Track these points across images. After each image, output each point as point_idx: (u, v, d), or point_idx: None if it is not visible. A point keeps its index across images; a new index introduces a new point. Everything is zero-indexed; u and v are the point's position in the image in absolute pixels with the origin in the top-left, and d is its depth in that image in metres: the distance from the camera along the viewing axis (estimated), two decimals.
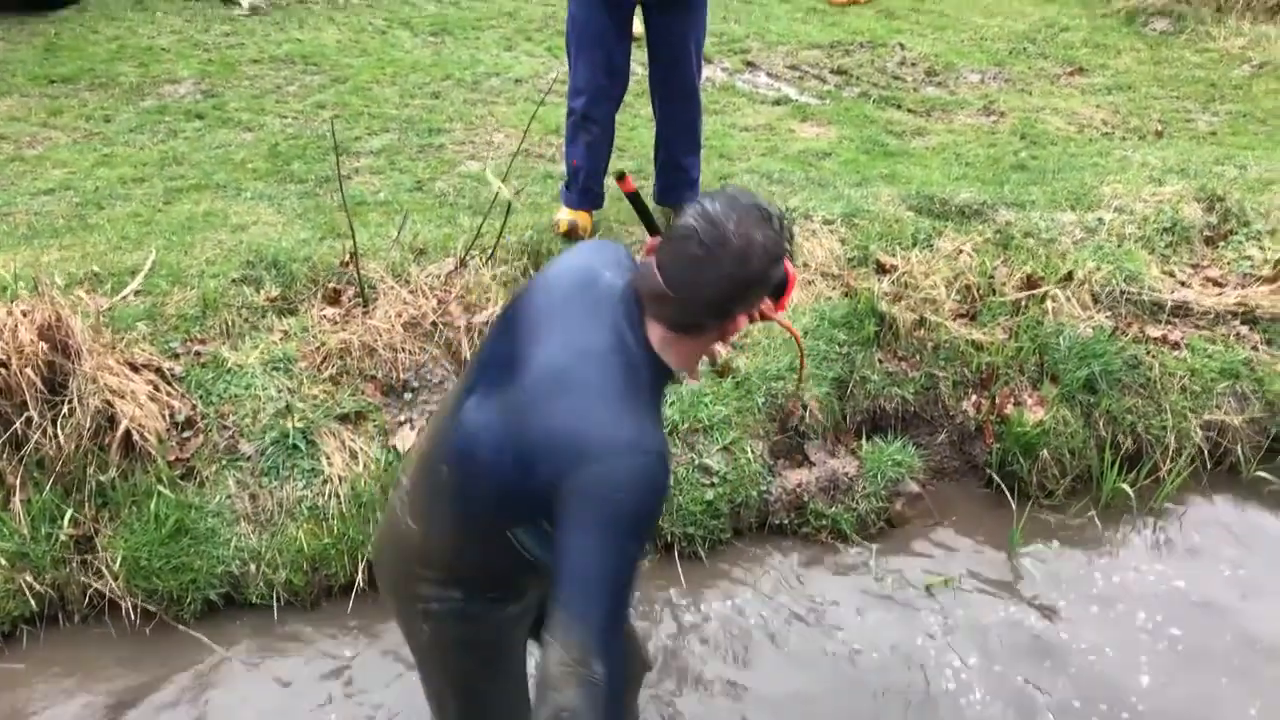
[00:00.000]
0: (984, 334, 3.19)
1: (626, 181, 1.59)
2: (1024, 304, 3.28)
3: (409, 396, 2.89)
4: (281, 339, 2.96)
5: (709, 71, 5.02)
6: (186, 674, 2.48)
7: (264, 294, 3.13)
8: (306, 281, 3.16)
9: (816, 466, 2.97)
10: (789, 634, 2.66)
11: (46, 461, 2.56)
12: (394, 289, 3.11)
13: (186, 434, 2.73)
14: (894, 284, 3.28)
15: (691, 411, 2.93)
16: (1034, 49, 5.69)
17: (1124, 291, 3.39)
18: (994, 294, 3.30)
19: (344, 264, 3.18)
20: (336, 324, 2.99)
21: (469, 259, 3.24)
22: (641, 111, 3.80)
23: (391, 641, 2.50)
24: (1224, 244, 3.70)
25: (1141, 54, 5.66)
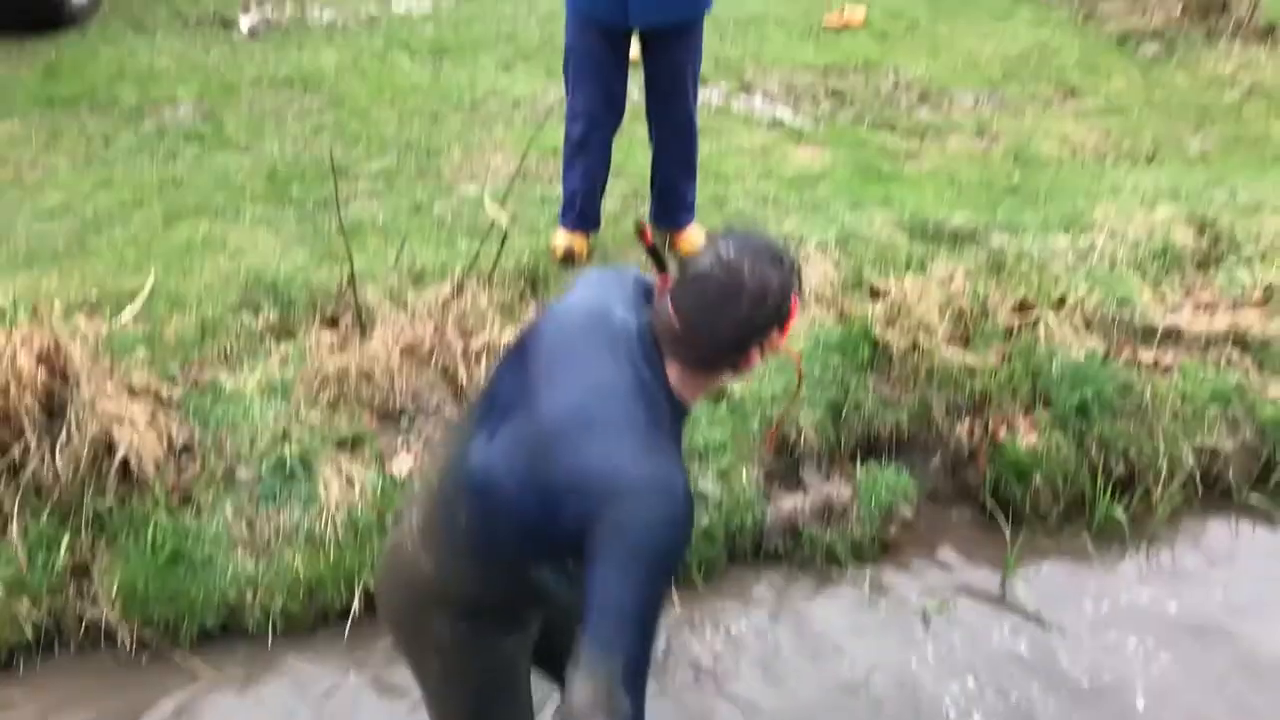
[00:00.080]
0: (977, 359, 3.21)
1: (646, 235, 1.65)
2: (1017, 328, 3.31)
3: (406, 422, 2.90)
4: (280, 364, 2.98)
5: (705, 94, 5.04)
6: (180, 702, 2.48)
7: (262, 319, 3.15)
8: (305, 306, 3.18)
9: (811, 491, 2.99)
10: (785, 660, 2.67)
11: (44, 489, 2.57)
12: (392, 314, 3.13)
13: (184, 460, 2.74)
14: (887, 309, 3.30)
15: (686, 435, 2.94)
16: (1027, 72, 5.73)
17: (1116, 316, 3.42)
18: (987, 318, 3.32)
19: (342, 289, 3.20)
20: (334, 350, 3.00)
21: (466, 284, 3.26)
22: (638, 134, 3.83)
23: (388, 669, 2.51)
24: (1215, 268, 3.73)
25: (1133, 77, 5.70)
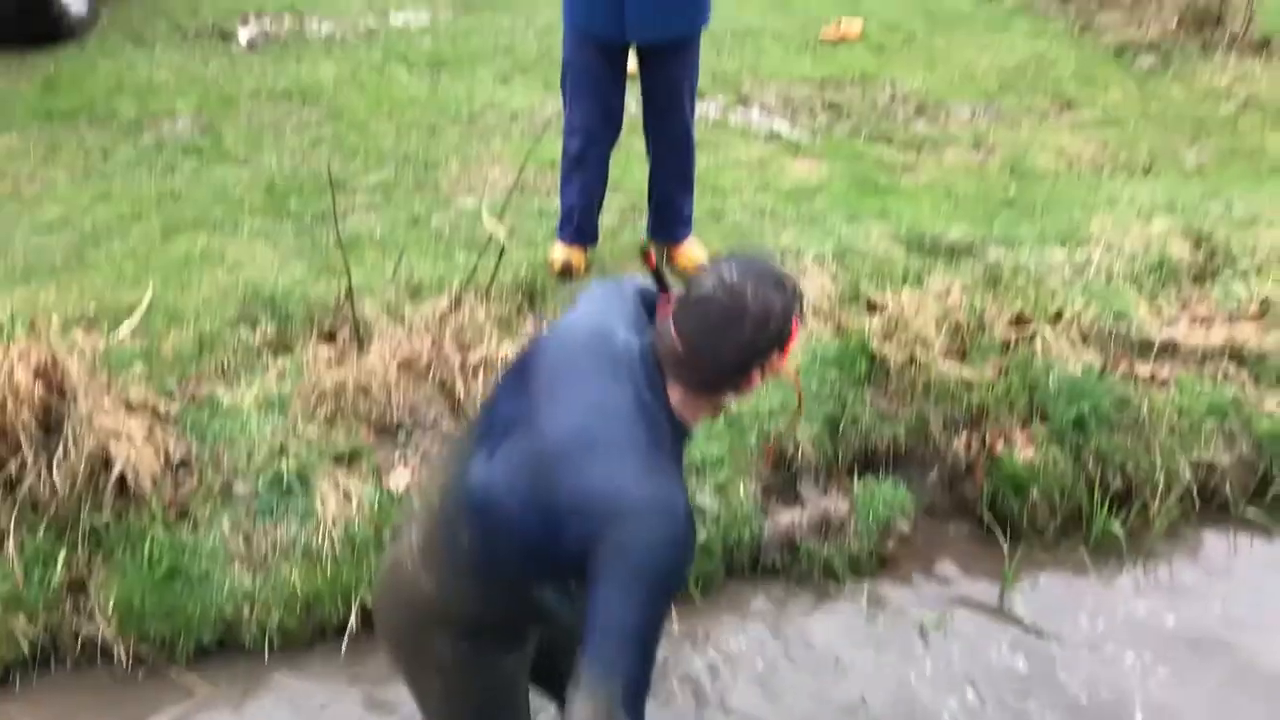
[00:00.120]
0: (974, 373, 3.22)
1: (650, 258, 1.67)
2: (1014, 342, 3.31)
3: (403, 437, 2.91)
4: (277, 379, 2.98)
5: (702, 107, 5.06)
6: (176, 719, 2.47)
7: (260, 333, 3.15)
8: (302, 320, 3.19)
9: (809, 505, 2.99)
10: (782, 675, 2.66)
11: (40, 504, 2.57)
12: (389, 328, 3.13)
13: (181, 475, 2.74)
14: (885, 323, 3.31)
15: (685, 451, 2.94)
16: (1023, 84, 5.75)
17: (1113, 330, 3.43)
18: (984, 332, 3.33)
19: (340, 303, 3.21)
20: (332, 364, 3.01)
21: (464, 297, 3.27)
22: (635, 148, 3.84)
23: (384, 685, 2.50)
24: (1211, 281, 3.74)
25: (1130, 89, 5.72)
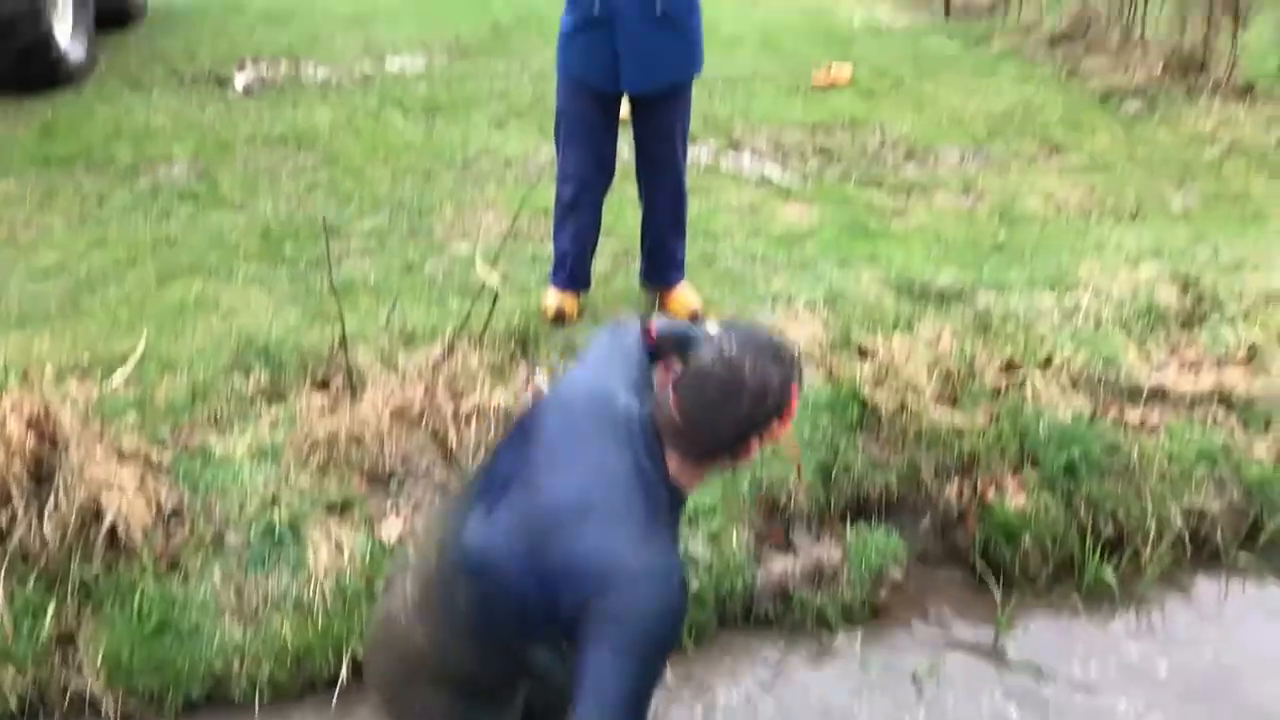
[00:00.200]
0: (965, 419, 3.23)
1: (650, 333, 1.75)
2: (1004, 389, 3.33)
3: (395, 486, 2.90)
4: (270, 427, 2.98)
5: (694, 152, 5.12)
6: None
7: (253, 381, 3.16)
8: (296, 369, 3.20)
9: (801, 553, 2.99)
10: None
11: (30, 556, 2.56)
12: (382, 376, 3.14)
13: (173, 525, 2.73)
14: (875, 369, 3.33)
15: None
16: (1011, 129, 5.84)
17: (1102, 376, 3.45)
18: (974, 379, 3.35)
19: (333, 351, 3.22)
20: (325, 412, 3.01)
21: (457, 344, 3.28)
22: (628, 193, 3.88)
23: None
24: (1199, 326, 3.77)
25: (1116, 134, 5.81)
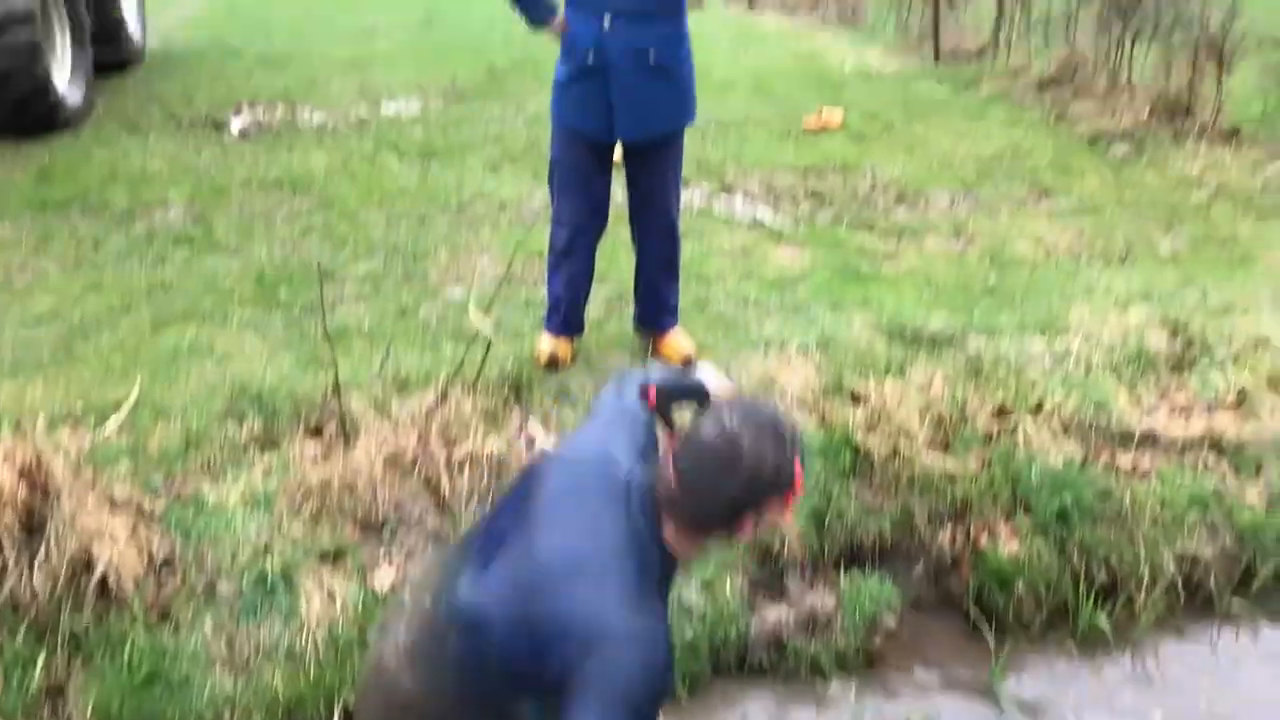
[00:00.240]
0: (957, 465, 3.24)
1: (650, 398, 1.81)
2: (996, 434, 3.35)
3: (388, 534, 2.90)
4: (263, 475, 2.98)
5: (686, 196, 5.17)
6: None
7: (246, 428, 3.16)
8: (289, 416, 3.20)
9: (795, 602, 2.98)
10: None
11: (20, 607, 2.54)
12: (376, 423, 3.15)
13: (164, 574, 2.72)
14: (868, 414, 3.34)
15: None
16: (1000, 172, 5.91)
17: (1093, 421, 3.47)
18: (966, 424, 3.36)
19: (327, 398, 3.22)
20: (318, 460, 3.01)
21: (450, 391, 3.29)
22: (621, 237, 3.91)
23: None
24: (1189, 371, 3.80)
25: (1105, 177, 5.88)
